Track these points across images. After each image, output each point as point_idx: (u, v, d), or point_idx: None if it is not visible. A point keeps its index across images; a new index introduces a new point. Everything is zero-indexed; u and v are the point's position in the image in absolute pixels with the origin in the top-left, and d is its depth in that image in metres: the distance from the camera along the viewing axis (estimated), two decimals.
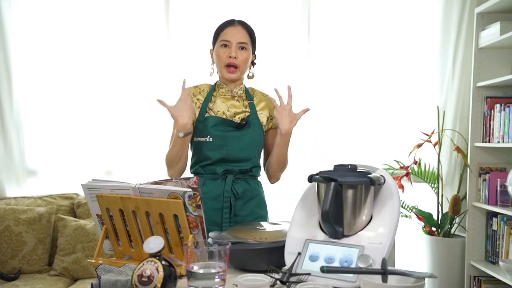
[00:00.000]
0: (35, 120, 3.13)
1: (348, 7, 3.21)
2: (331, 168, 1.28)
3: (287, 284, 1.13)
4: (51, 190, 3.11)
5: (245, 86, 1.85)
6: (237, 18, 1.83)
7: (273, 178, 1.87)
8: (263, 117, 1.82)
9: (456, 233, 3.10)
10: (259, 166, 1.84)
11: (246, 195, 1.77)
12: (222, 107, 1.78)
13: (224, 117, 1.76)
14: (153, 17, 3.15)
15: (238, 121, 1.75)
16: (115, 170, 3.16)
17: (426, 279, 1.00)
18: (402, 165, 3.06)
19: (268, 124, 1.84)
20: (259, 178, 1.87)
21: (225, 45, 1.74)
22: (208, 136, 1.72)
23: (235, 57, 1.73)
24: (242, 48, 1.74)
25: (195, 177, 1.28)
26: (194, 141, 1.76)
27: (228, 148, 1.73)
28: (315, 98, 3.20)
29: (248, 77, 1.85)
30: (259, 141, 1.80)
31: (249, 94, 1.84)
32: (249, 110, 1.80)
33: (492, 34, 2.85)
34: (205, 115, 1.75)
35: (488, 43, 2.89)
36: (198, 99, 1.79)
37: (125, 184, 1.32)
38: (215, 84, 1.84)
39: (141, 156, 3.16)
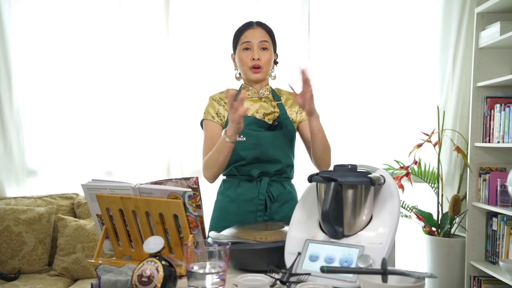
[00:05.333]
0: (35, 120, 3.13)
1: (348, 7, 3.21)
2: (331, 168, 1.28)
3: (287, 284, 1.13)
4: (51, 190, 3.11)
5: (271, 87, 1.84)
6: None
7: (324, 165, 1.75)
8: (292, 113, 1.81)
9: (456, 233, 3.10)
10: (293, 166, 1.81)
11: (281, 198, 1.75)
12: (251, 109, 1.76)
13: (255, 117, 1.75)
14: (153, 17, 3.14)
15: (270, 122, 1.73)
16: (115, 170, 3.16)
17: (426, 279, 1.00)
18: (402, 165, 3.06)
19: (299, 117, 1.81)
20: (292, 181, 1.85)
21: (246, 48, 1.73)
22: (242, 136, 1.70)
23: (258, 59, 1.72)
24: (264, 48, 1.74)
25: (195, 177, 1.28)
26: None
27: (262, 147, 1.70)
28: (314, 98, 3.20)
29: (271, 77, 1.83)
30: (292, 139, 1.79)
31: (276, 95, 1.83)
32: (278, 111, 1.79)
33: (492, 34, 2.85)
34: None
35: (488, 43, 2.89)
36: (225, 103, 1.77)
37: (125, 184, 1.32)
38: (240, 87, 1.82)
39: (141, 156, 3.16)
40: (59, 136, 3.14)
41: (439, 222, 3.05)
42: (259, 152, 1.70)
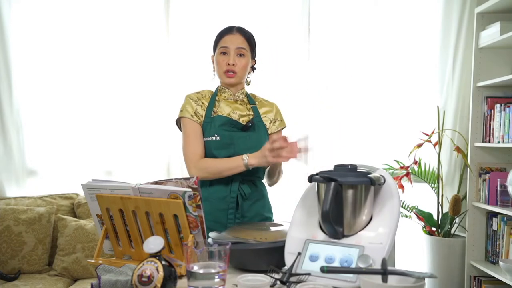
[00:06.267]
0: (35, 120, 3.13)
1: (348, 7, 3.21)
2: (331, 168, 1.28)
3: (287, 284, 1.13)
4: (51, 190, 3.11)
5: (246, 92, 1.88)
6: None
7: (274, 184, 1.92)
8: (266, 120, 1.86)
9: (456, 233, 3.10)
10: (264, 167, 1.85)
11: (253, 197, 1.78)
12: (226, 110, 1.80)
13: (231, 117, 1.79)
14: (153, 17, 3.15)
15: (244, 123, 1.78)
16: (115, 170, 3.16)
17: (426, 279, 1.00)
18: (402, 165, 3.06)
19: (271, 128, 1.87)
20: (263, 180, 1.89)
21: (224, 53, 1.79)
22: (216, 135, 1.74)
23: (233, 64, 1.77)
24: (241, 55, 1.78)
25: (195, 177, 1.28)
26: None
27: (235, 147, 1.74)
28: (314, 98, 3.21)
29: (246, 82, 1.88)
30: (264, 142, 1.81)
31: (251, 99, 1.88)
32: (253, 113, 1.83)
33: (492, 34, 2.85)
34: (211, 116, 1.78)
35: (488, 43, 2.89)
36: (202, 103, 1.82)
37: (125, 184, 1.32)
38: (217, 89, 1.86)
39: (141, 156, 3.16)
40: (59, 136, 3.14)
41: (439, 222, 3.05)
42: (232, 151, 1.74)
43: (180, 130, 1.83)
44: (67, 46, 3.12)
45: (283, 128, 1.92)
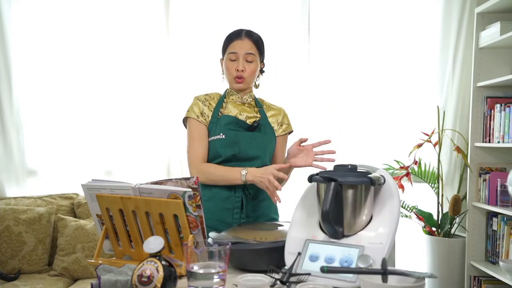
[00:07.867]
0: (35, 120, 3.13)
1: (348, 7, 3.21)
2: (331, 168, 1.28)
3: (287, 284, 1.13)
4: (51, 190, 3.11)
5: (254, 95, 1.89)
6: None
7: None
8: (273, 122, 1.86)
9: (456, 233, 3.10)
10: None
11: (258, 196, 1.78)
12: (234, 111, 1.81)
13: (237, 118, 1.79)
14: (153, 17, 3.14)
15: (250, 123, 1.78)
16: (115, 170, 3.16)
17: (426, 279, 1.00)
18: (402, 165, 3.06)
19: (278, 130, 1.87)
20: None
21: (232, 58, 1.78)
22: (221, 133, 1.74)
23: (242, 70, 1.77)
24: (249, 60, 1.78)
25: (195, 177, 1.28)
26: (208, 141, 1.78)
27: (240, 146, 1.74)
28: (314, 98, 3.21)
29: (254, 86, 1.88)
30: (271, 143, 1.83)
31: (258, 103, 1.89)
32: (260, 116, 1.84)
33: (492, 34, 2.85)
34: (218, 117, 1.78)
35: (488, 43, 2.89)
36: (210, 104, 1.82)
37: (125, 184, 1.32)
38: (225, 91, 1.87)
39: (141, 156, 3.16)
40: (59, 136, 3.14)
41: (439, 222, 3.05)
42: (237, 149, 1.74)
43: (186, 128, 1.83)
44: (67, 46, 3.12)
45: (289, 132, 1.92)
